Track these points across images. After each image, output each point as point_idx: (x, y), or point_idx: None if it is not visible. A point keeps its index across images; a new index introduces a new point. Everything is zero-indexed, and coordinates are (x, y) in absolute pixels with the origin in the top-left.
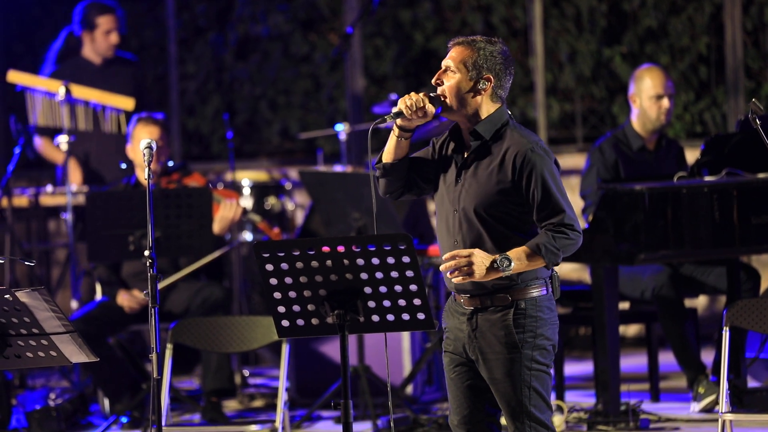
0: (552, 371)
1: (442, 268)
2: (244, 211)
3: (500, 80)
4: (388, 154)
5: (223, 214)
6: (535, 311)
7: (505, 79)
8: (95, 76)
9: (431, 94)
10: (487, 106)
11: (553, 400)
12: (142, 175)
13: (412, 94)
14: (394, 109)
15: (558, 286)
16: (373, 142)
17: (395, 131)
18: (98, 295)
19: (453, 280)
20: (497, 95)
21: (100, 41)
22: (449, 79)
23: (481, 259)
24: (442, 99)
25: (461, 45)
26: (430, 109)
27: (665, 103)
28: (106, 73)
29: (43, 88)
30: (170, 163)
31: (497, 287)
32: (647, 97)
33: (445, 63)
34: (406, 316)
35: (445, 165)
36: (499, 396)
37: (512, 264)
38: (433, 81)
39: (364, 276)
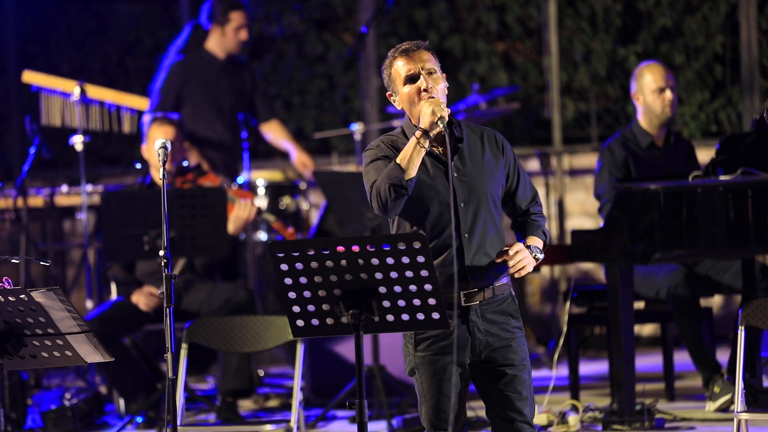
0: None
1: (513, 268)
2: (259, 211)
3: None
4: (414, 168)
5: (238, 213)
6: (515, 297)
7: None
8: (220, 70)
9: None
10: None
11: (569, 400)
12: (157, 175)
13: (432, 100)
14: (438, 117)
15: None
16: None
17: (421, 141)
18: (113, 295)
19: (515, 274)
20: None
21: (230, 36)
22: (437, 83)
23: (526, 254)
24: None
25: (423, 49)
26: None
27: (668, 94)
28: (229, 69)
29: (58, 89)
30: (185, 163)
31: (500, 276)
32: (650, 91)
33: (427, 67)
34: (420, 316)
35: (421, 165)
36: (513, 384)
37: (540, 248)
38: (424, 87)
39: (378, 276)
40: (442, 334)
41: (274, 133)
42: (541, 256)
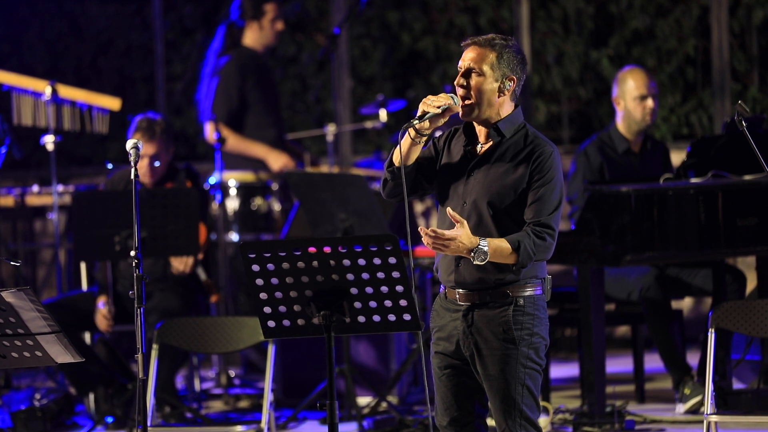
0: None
1: (424, 241)
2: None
3: (520, 80)
4: (396, 157)
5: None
6: (532, 309)
7: (523, 78)
8: (265, 64)
9: (452, 95)
10: (507, 106)
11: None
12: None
13: (436, 96)
14: (421, 113)
15: (550, 288)
16: (361, 143)
17: (411, 134)
18: (84, 287)
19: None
20: (515, 94)
21: (267, 29)
22: (475, 82)
23: (457, 246)
24: (467, 102)
25: (480, 46)
26: (456, 107)
27: (649, 103)
28: (266, 62)
29: (29, 88)
30: (156, 164)
31: (498, 283)
32: (631, 98)
33: (466, 65)
34: (392, 317)
35: (451, 159)
36: (492, 393)
37: (487, 257)
38: (456, 83)
39: (350, 277)
40: (442, 328)
41: None
42: (479, 261)
